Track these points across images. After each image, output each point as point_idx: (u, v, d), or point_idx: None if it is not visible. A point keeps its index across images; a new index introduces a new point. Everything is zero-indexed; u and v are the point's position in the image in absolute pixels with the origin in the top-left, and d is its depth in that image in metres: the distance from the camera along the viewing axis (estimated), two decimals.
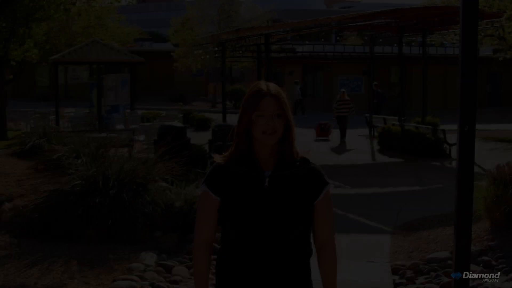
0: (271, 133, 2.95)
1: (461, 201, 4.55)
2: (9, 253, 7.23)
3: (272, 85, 3.05)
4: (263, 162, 3.04)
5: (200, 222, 3.10)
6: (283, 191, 2.99)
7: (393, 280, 6.63)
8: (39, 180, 10.56)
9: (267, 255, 2.96)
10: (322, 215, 3.06)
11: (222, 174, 3.06)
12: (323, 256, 3.10)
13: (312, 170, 3.06)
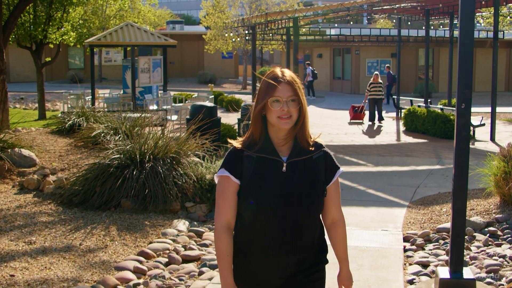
0: (286, 118, 3.06)
1: (457, 166, 5.14)
2: (55, 219, 7.95)
3: (287, 72, 3.15)
4: (279, 147, 3.15)
5: (221, 206, 3.15)
6: (300, 176, 3.11)
7: (403, 247, 7.20)
8: (79, 155, 11.33)
9: (284, 237, 3.08)
10: (333, 198, 3.22)
11: (240, 159, 3.15)
12: (335, 232, 3.28)
13: (325, 155, 3.20)
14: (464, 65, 5.12)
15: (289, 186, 3.07)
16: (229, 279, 3.08)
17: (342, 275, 3.34)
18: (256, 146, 3.12)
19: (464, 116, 5.10)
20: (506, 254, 6.66)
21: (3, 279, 5.67)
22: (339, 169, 3.23)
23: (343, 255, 3.32)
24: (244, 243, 3.16)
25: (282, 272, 3.13)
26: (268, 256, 3.11)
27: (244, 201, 3.12)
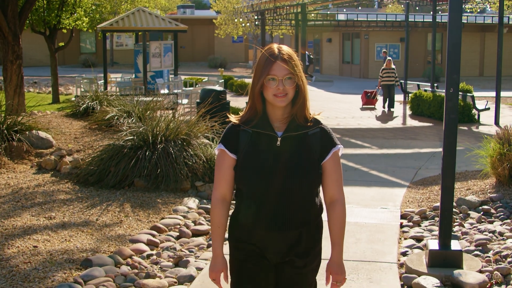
0: (282, 96, 3.09)
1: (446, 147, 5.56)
2: (72, 197, 8.43)
3: (284, 49, 3.14)
4: (276, 123, 3.18)
5: (218, 179, 3.24)
6: (294, 151, 3.13)
7: (400, 223, 7.63)
8: (93, 137, 11.81)
9: (278, 211, 3.11)
10: (330, 174, 3.19)
11: (237, 134, 3.20)
12: (332, 211, 3.22)
13: (322, 131, 3.21)
14: (452, 52, 5.53)
15: (282, 160, 3.10)
16: (218, 249, 3.20)
17: (332, 261, 3.25)
18: (252, 122, 3.17)
19: (452, 100, 5.51)
20: (496, 230, 7.08)
21: (27, 250, 6.16)
22: (335, 146, 3.21)
23: (337, 238, 3.23)
24: (242, 217, 3.20)
25: (278, 245, 3.15)
26: (265, 229, 3.13)
27: (240, 175, 3.17)
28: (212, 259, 3.23)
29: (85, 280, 5.41)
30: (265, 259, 3.20)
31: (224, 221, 3.21)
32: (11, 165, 10.11)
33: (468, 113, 18.78)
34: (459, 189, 9.19)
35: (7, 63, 14.63)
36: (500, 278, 5.51)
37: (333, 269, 3.21)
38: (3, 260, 5.83)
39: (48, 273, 5.56)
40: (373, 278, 5.59)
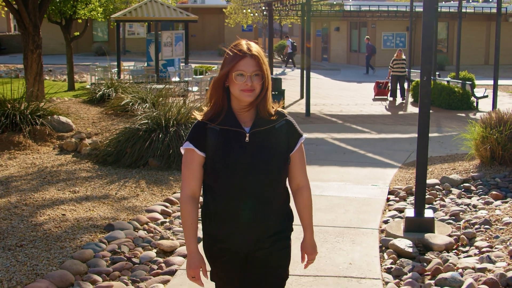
0: (250, 91, 3.13)
1: (420, 128, 6.40)
2: (93, 175, 9.35)
3: (253, 45, 3.19)
4: (241, 118, 3.22)
5: (186, 177, 3.25)
6: (262, 145, 3.19)
7: (387, 198, 8.49)
8: (110, 122, 12.74)
9: (250, 205, 3.18)
10: (297, 164, 3.32)
11: (204, 132, 3.21)
12: (300, 197, 3.37)
13: (287, 123, 3.29)
14: (426, 43, 6.36)
15: (252, 155, 3.16)
16: (192, 246, 3.24)
17: (305, 242, 3.43)
18: (219, 118, 3.20)
19: (425, 86, 6.35)
20: (471, 203, 7.92)
21: (57, 217, 7.07)
22: (301, 136, 3.34)
23: (308, 221, 3.40)
24: (212, 213, 3.26)
25: (249, 238, 3.24)
26: (235, 223, 3.21)
27: (210, 172, 3.21)
28: (188, 257, 3.27)
29: (109, 241, 6.32)
30: (237, 252, 3.27)
31: (196, 217, 3.25)
32: (35, 147, 11.04)
33: (466, 101, 19.55)
34: (446, 169, 10.03)
35: (28, 52, 15.50)
36: (466, 240, 6.37)
37: (308, 250, 3.42)
38: (37, 225, 6.75)
39: (77, 235, 6.48)
40: (356, 240, 6.47)
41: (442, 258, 5.85)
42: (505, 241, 6.12)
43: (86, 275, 5.45)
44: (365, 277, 5.42)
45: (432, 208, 7.73)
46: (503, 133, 9.56)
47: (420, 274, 5.54)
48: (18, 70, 29.38)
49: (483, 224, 6.80)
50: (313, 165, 10.74)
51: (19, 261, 5.66)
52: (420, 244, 6.31)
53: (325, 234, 6.66)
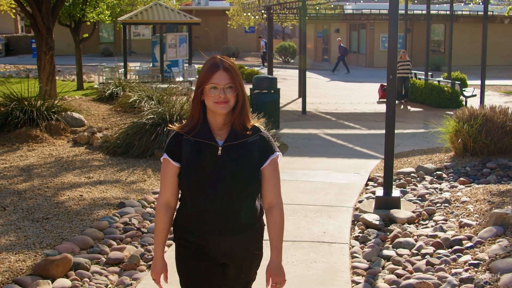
0: (223, 103, 3.19)
1: (387, 120, 7.47)
2: (104, 164, 10.43)
3: (226, 59, 3.25)
4: (216, 132, 3.27)
5: (162, 186, 3.35)
6: (233, 159, 3.24)
7: (366, 183, 9.56)
8: (119, 118, 13.84)
9: (220, 218, 3.23)
10: (269, 180, 3.33)
11: (179, 143, 3.29)
12: (270, 217, 3.35)
13: (261, 138, 3.33)
14: (392, 45, 7.44)
15: (223, 169, 3.22)
16: (159, 252, 3.37)
17: (271, 264, 3.37)
18: (194, 130, 3.27)
19: (391, 84, 7.43)
20: (438, 187, 8.99)
21: (75, 197, 8.17)
22: (274, 153, 3.35)
23: (276, 242, 3.35)
24: (184, 222, 3.33)
25: (221, 249, 3.29)
26: (207, 235, 3.26)
27: (183, 182, 3.28)
28: (153, 261, 3.39)
29: (121, 215, 7.42)
30: (209, 257, 3.33)
31: (167, 226, 3.35)
32: (51, 140, 12.13)
33: (456, 100, 20.58)
34: (423, 160, 11.09)
35: (41, 53, 16.58)
36: (426, 215, 7.45)
37: (273, 272, 3.34)
38: (59, 203, 7.85)
39: (93, 211, 7.57)
40: (332, 216, 7.55)
41: (403, 228, 6.93)
42: (458, 215, 7.18)
43: (103, 240, 6.55)
44: (335, 242, 6.50)
45: (403, 191, 8.81)
46: (473, 126, 10.61)
47: (382, 240, 6.62)
48: (28, 70, 30.51)
49: (443, 203, 7.86)
50: (303, 156, 11.82)
51: (46, 229, 6.75)
52: (387, 219, 7.39)
53: (306, 211, 7.74)
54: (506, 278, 4.87)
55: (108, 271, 5.80)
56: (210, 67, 3.21)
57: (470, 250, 5.90)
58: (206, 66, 3.24)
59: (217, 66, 3.20)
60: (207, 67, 3.23)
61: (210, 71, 3.20)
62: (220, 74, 3.18)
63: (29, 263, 5.71)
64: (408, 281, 5.26)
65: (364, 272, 5.71)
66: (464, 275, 5.22)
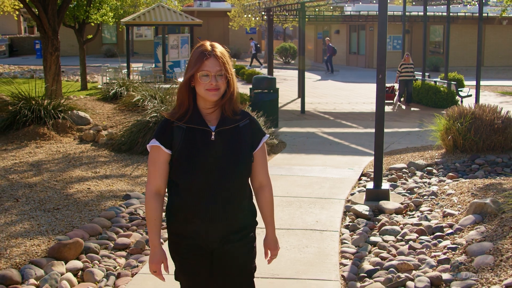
0: (214, 90, 3.20)
1: (377, 117, 7.95)
2: (110, 160, 10.92)
3: (217, 46, 3.27)
4: (207, 117, 3.29)
5: (152, 174, 3.31)
6: (228, 143, 3.27)
7: (359, 178, 10.03)
8: (123, 116, 14.33)
9: (215, 202, 3.25)
10: (260, 162, 3.42)
11: (171, 130, 3.28)
12: (262, 196, 3.47)
13: (251, 122, 3.39)
14: (381, 47, 7.91)
15: (217, 153, 3.25)
16: (155, 241, 3.34)
17: (268, 239, 3.55)
18: (185, 117, 3.27)
19: (380, 83, 7.91)
20: (426, 181, 9.47)
21: (83, 190, 8.66)
22: (264, 135, 3.44)
23: (269, 218, 3.51)
24: (178, 210, 3.31)
25: (215, 234, 3.30)
26: (201, 220, 3.27)
27: (176, 169, 3.27)
28: (151, 252, 3.35)
29: (127, 206, 7.91)
30: (203, 248, 3.35)
31: (160, 214, 3.33)
32: (58, 137, 12.62)
33: (451, 99, 21.03)
34: (415, 156, 11.56)
35: (47, 54, 17.07)
36: (413, 207, 7.92)
37: (271, 245, 3.55)
38: (68, 195, 8.35)
39: (101, 202, 8.06)
40: (325, 207, 8.03)
41: (390, 218, 7.41)
42: (442, 206, 7.66)
43: (111, 228, 7.04)
44: (326, 230, 6.99)
45: (394, 185, 9.29)
46: (463, 124, 11.09)
47: (370, 228, 7.10)
48: (32, 71, 30.98)
49: (430, 195, 8.34)
50: (301, 153, 12.31)
51: (57, 218, 7.24)
52: (376, 209, 7.87)
53: (300, 202, 8.22)
54: (478, 259, 5.35)
55: (116, 255, 6.29)
56: (201, 54, 3.21)
57: (450, 236, 6.38)
58: (196, 53, 3.24)
59: (208, 53, 3.21)
60: (198, 54, 3.23)
61: (201, 58, 3.20)
62: (212, 61, 3.19)
63: (43, 247, 6.20)
64: (390, 263, 5.74)
65: (352, 256, 6.19)
66: (442, 257, 5.70)
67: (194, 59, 3.23)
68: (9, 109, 13.18)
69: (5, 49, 45.93)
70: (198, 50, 3.24)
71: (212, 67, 3.18)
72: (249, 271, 3.47)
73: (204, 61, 3.18)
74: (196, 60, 3.21)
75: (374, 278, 5.52)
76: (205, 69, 3.18)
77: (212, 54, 3.19)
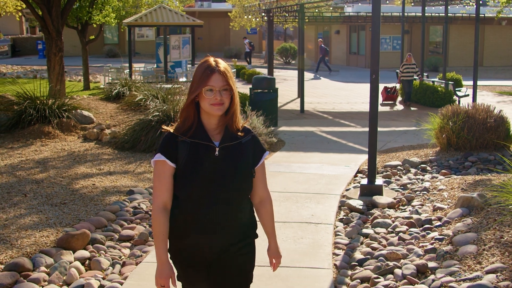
0: (219, 105, 3.27)
1: (370, 116, 8.28)
2: (113, 157, 11.26)
3: (220, 62, 3.33)
4: (211, 133, 3.35)
5: (158, 189, 3.34)
6: (231, 159, 3.33)
7: (355, 175, 10.36)
8: (125, 115, 14.67)
9: (217, 216, 3.31)
10: (260, 177, 3.51)
11: (175, 144, 3.32)
12: (263, 209, 3.57)
13: (253, 138, 3.48)
14: (375, 48, 8.25)
15: (221, 169, 3.31)
16: (163, 256, 3.34)
17: (271, 249, 3.66)
18: (189, 132, 3.32)
19: (374, 83, 8.24)
20: (419, 177, 9.80)
21: (89, 186, 9.00)
22: (265, 152, 3.53)
23: (271, 230, 3.61)
24: (180, 225, 3.36)
25: (215, 247, 3.36)
26: (202, 234, 3.32)
27: (179, 183, 3.32)
28: (158, 266, 3.36)
29: (131, 200, 8.25)
30: (200, 262, 3.41)
31: (166, 228, 3.34)
32: (62, 136, 12.96)
33: (449, 99, 21.33)
34: (410, 154, 11.88)
35: (51, 55, 17.42)
36: (405, 201, 8.26)
37: (274, 255, 3.66)
38: (74, 191, 8.69)
39: (106, 197, 8.40)
40: (320, 201, 8.36)
41: (383, 212, 7.75)
42: (433, 201, 7.99)
43: (116, 220, 7.38)
44: (321, 223, 7.32)
45: (388, 181, 9.62)
46: (456, 123, 11.41)
47: (363, 222, 7.44)
48: (35, 71, 31.31)
49: (422, 191, 8.68)
50: (299, 151, 12.65)
51: (64, 212, 7.58)
52: (370, 204, 8.20)
53: (297, 197, 8.56)
54: (462, 249, 5.68)
55: (121, 246, 6.63)
56: (206, 70, 3.29)
57: (438, 228, 6.71)
58: (201, 69, 3.32)
59: (213, 69, 3.28)
60: (203, 69, 3.31)
61: (206, 74, 3.28)
62: (216, 77, 3.26)
63: (52, 238, 6.54)
64: (380, 252, 6.08)
65: (345, 247, 6.53)
66: (429, 247, 6.04)
67: (199, 74, 3.31)
68: (14, 109, 13.52)
69: (7, 49, 46.32)
70: (202, 66, 3.32)
71: (217, 82, 3.26)
72: (245, 281, 3.53)
73: (209, 77, 3.26)
74: (201, 75, 3.29)
75: (364, 266, 5.86)
76: (210, 84, 3.26)
77: (216, 70, 3.27)
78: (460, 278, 5.12)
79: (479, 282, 4.86)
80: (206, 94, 3.25)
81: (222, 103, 3.26)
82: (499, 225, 6.00)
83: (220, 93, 3.25)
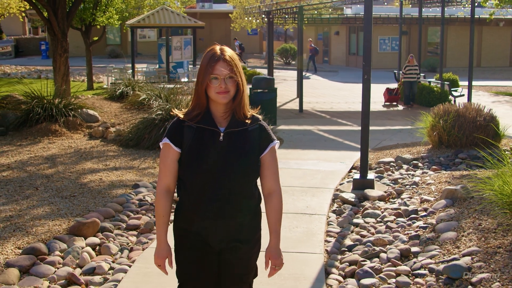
0: (224, 93, 3.27)
1: (363, 113, 8.77)
2: (118, 154, 11.76)
3: (226, 50, 3.33)
4: (218, 120, 3.36)
5: (162, 172, 3.40)
6: (235, 145, 3.33)
7: (350, 171, 10.85)
8: (129, 114, 15.18)
9: (220, 202, 3.32)
10: (268, 168, 3.45)
11: (181, 129, 3.36)
12: (270, 203, 3.49)
13: (260, 127, 3.45)
14: (366, 50, 8.73)
15: (224, 154, 3.31)
16: (162, 237, 3.43)
17: (270, 247, 3.52)
18: (197, 118, 3.34)
19: (366, 83, 8.73)
20: (410, 173, 10.29)
21: (96, 180, 9.50)
22: (273, 141, 3.48)
23: (275, 226, 3.49)
24: (186, 209, 3.41)
25: (220, 235, 3.38)
26: (207, 219, 3.35)
27: (185, 168, 3.35)
28: (157, 246, 3.45)
29: (136, 193, 8.75)
30: (208, 246, 3.41)
31: (168, 210, 3.41)
32: (69, 134, 13.46)
33: (445, 99, 21.79)
34: (403, 151, 12.37)
35: (57, 56, 17.91)
36: (395, 194, 8.75)
37: (272, 254, 3.50)
38: (83, 184, 9.19)
39: (112, 190, 8.90)
40: (315, 194, 8.86)
41: (373, 204, 8.24)
42: (421, 194, 8.48)
43: (122, 211, 7.88)
44: (315, 213, 7.82)
45: (380, 176, 10.11)
46: (447, 121, 11.89)
47: (354, 213, 7.93)
48: (38, 71, 31.82)
49: (412, 185, 9.16)
50: (297, 149, 13.14)
51: (74, 204, 8.08)
52: (361, 197, 8.69)
53: (293, 191, 9.05)
54: (443, 235, 6.18)
55: (128, 234, 7.13)
56: (211, 58, 3.29)
57: (424, 218, 7.20)
58: (206, 57, 3.33)
59: (218, 57, 3.28)
60: (208, 58, 3.31)
61: (211, 63, 3.28)
62: (221, 65, 3.26)
63: (64, 227, 7.04)
64: (368, 239, 6.58)
65: (336, 235, 7.03)
66: (413, 234, 6.54)
67: (204, 63, 3.32)
68: (22, 108, 14.02)
69: (11, 50, 46.81)
70: (208, 54, 3.33)
71: (221, 71, 3.26)
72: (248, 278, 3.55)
73: (214, 65, 3.27)
74: (206, 64, 3.30)
75: (353, 251, 6.37)
76: (215, 72, 3.27)
77: (221, 58, 3.28)
78: (439, 260, 5.62)
79: (455, 262, 5.35)
80: (211, 82, 3.27)
81: (227, 91, 3.27)
82: (478, 213, 6.50)
83: (225, 81, 3.26)
